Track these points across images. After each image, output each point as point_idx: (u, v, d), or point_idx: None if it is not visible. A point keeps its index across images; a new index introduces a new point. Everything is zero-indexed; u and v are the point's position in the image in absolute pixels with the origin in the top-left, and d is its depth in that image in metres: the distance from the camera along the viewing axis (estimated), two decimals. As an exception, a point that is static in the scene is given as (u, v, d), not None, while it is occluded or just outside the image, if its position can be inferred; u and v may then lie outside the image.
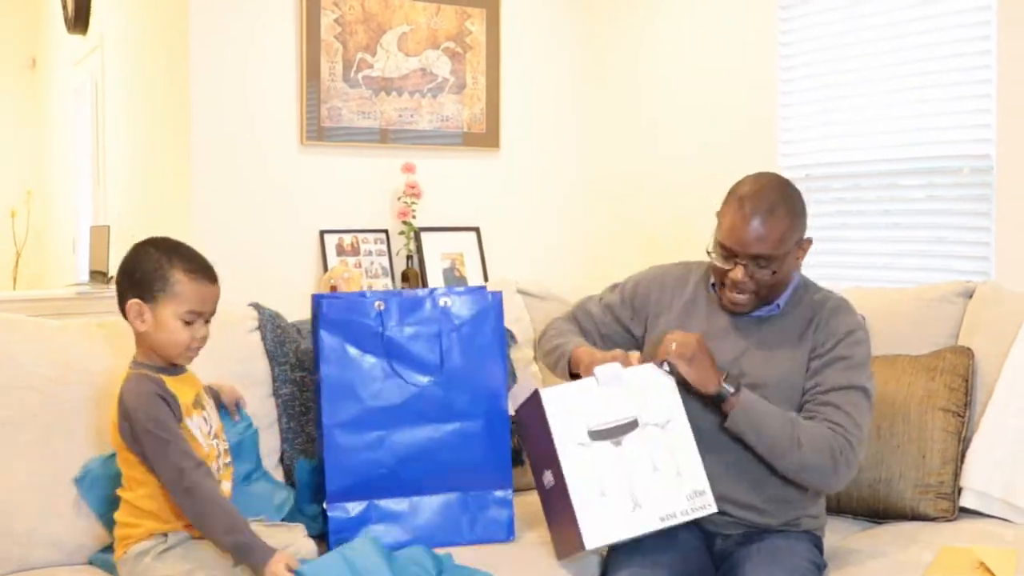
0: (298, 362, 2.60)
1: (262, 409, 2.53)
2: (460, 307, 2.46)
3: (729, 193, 2.35)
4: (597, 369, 2.28)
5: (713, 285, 2.44)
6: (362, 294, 2.50)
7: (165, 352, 2.15)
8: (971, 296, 2.75)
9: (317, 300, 2.42)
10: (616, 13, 4.57)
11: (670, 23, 4.33)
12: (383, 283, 4.22)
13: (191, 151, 3.97)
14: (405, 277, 4.25)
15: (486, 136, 4.50)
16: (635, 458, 2.23)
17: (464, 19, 4.40)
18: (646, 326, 2.55)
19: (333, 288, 3.93)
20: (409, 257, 4.28)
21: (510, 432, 2.49)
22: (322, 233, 4.15)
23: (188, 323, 2.13)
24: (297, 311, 2.89)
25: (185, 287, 2.12)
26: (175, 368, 2.18)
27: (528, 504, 2.49)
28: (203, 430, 2.16)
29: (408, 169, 4.23)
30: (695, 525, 2.33)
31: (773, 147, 3.89)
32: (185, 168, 4.02)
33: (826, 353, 2.29)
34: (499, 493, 2.45)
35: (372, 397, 2.37)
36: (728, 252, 2.28)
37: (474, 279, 4.38)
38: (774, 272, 2.26)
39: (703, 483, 2.24)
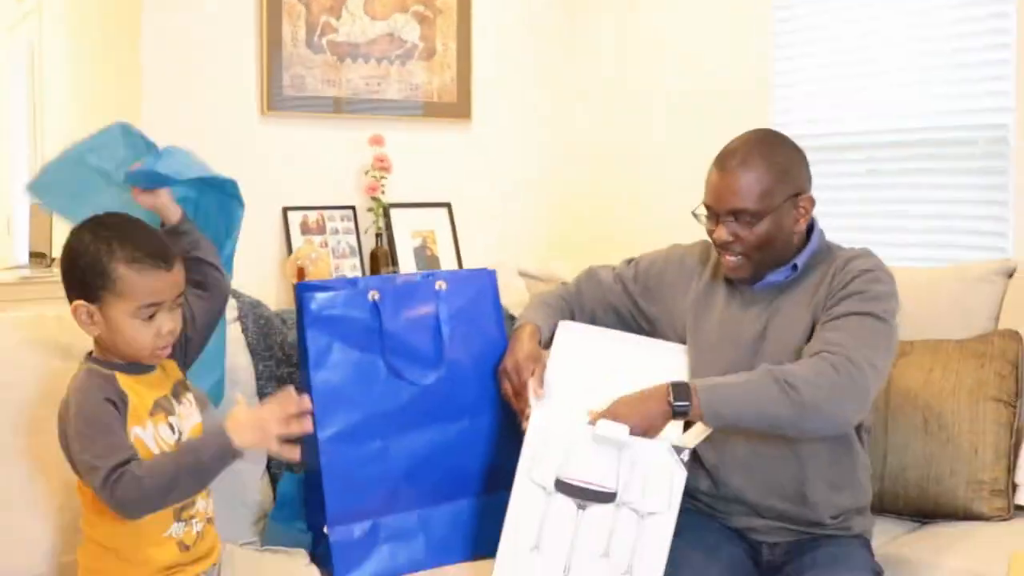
0: (284, 357, 2.33)
1: (245, 410, 2.25)
2: (455, 289, 2.21)
3: None
4: (601, 424, 1.99)
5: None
6: (352, 281, 2.24)
7: (128, 355, 1.84)
8: (1011, 275, 2.57)
9: (300, 292, 2.13)
10: (595, -25, 4.33)
11: (654, -15, 4.09)
12: (351, 263, 3.95)
13: (142, 123, 3.65)
14: (374, 257, 3.99)
15: (457, 106, 4.23)
16: (591, 533, 1.95)
17: (434, -20, 4.12)
18: (662, 307, 2.37)
19: (300, 270, 3.68)
20: (378, 235, 4.02)
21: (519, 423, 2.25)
22: (285, 210, 3.86)
23: (149, 319, 1.81)
24: (263, 297, 2.63)
25: (131, 281, 1.79)
26: (140, 365, 1.88)
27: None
28: (166, 440, 1.84)
29: (376, 141, 3.96)
30: (739, 535, 2.13)
31: (766, 117, 3.67)
32: (136, 141, 3.70)
33: (840, 290, 2.11)
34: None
35: (372, 402, 2.10)
36: (710, 211, 2.18)
37: (446, 258, 4.12)
38: (758, 228, 2.11)
39: None
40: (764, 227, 2.12)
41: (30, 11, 5.27)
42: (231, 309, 2.37)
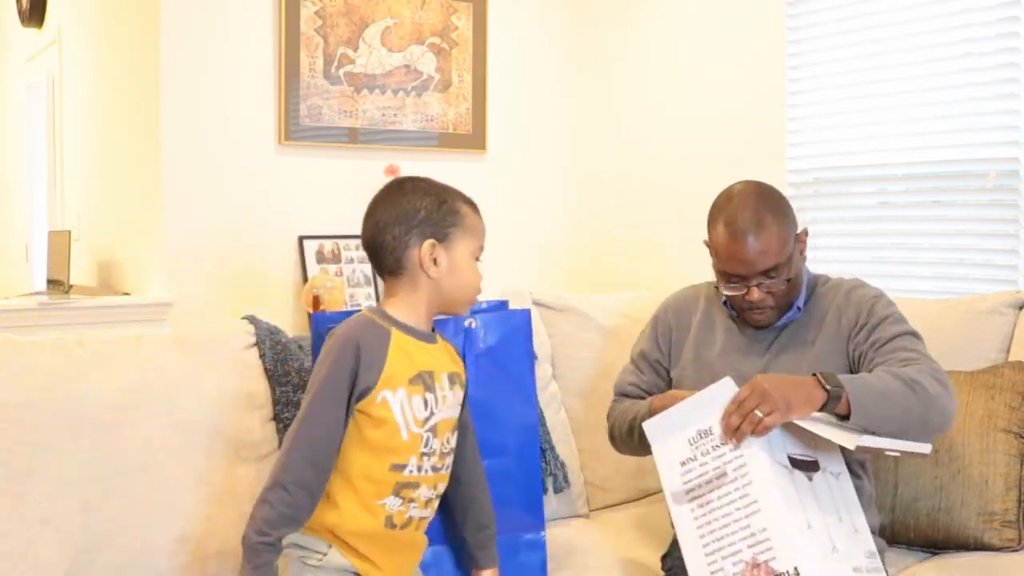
0: (301, 383, 2.33)
1: (261, 435, 2.27)
2: (486, 329, 2.20)
3: (709, 219, 2.24)
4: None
5: (726, 303, 2.33)
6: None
7: (457, 299, 1.92)
8: (1022, 307, 2.59)
9: (320, 322, 2.14)
10: (610, 8, 4.36)
11: (669, 17, 4.13)
12: (366, 292, 3.98)
13: (161, 151, 3.70)
14: (388, 286, 4.01)
15: (472, 137, 4.27)
16: (824, 501, 1.95)
17: (450, 13, 4.17)
18: (670, 356, 2.42)
19: (315, 299, 3.70)
20: (393, 265, 4.04)
21: (540, 467, 2.25)
22: (301, 239, 3.90)
23: (477, 261, 1.93)
24: (278, 323, 2.64)
25: (474, 220, 1.92)
26: (430, 333, 1.93)
27: (555, 542, 2.26)
28: (415, 412, 1.84)
29: (392, 171, 3.99)
30: None
31: (779, 151, 3.69)
32: (155, 170, 3.75)
33: (868, 321, 2.19)
34: (530, 536, 2.20)
35: None
36: (736, 277, 2.18)
37: (460, 288, 4.14)
38: (788, 279, 2.18)
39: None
40: (789, 274, 2.18)
41: (51, 41, 5.32)
42: (248, 335, 2.39)
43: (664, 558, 2.30)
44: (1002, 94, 3.12)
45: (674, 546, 2.27)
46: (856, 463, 2.21)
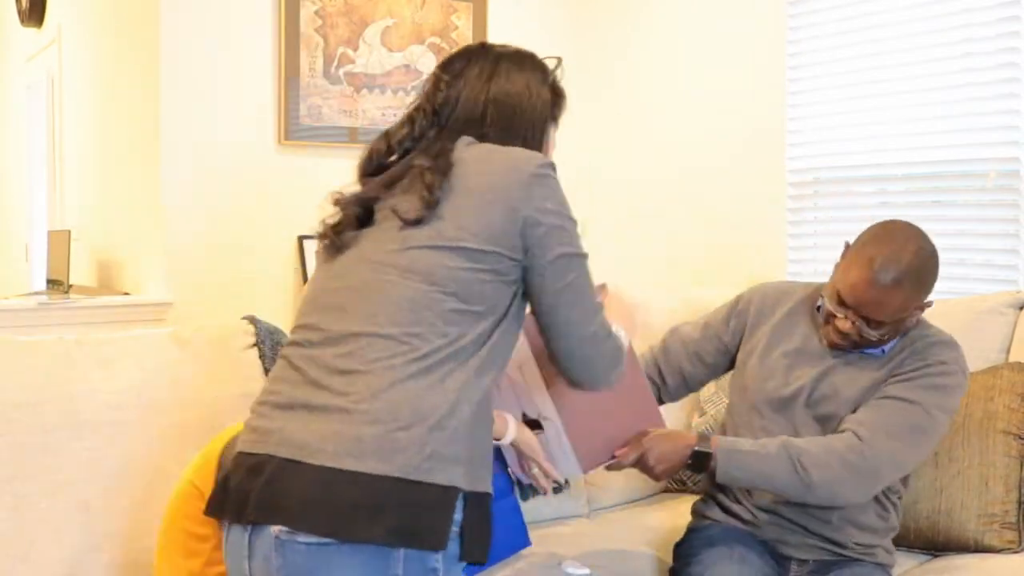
0: (301, 383, 2.34)
1: (261, 435, 2.27)
2: None
3: (860, 242, 2.18)
4: None
5: (819, 308, 2.27)
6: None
7: None
8: (1022, 308, 2.59)
9: None
10: (610, 8, 4.36)
11: (669, 17, 4.13)
12: (365, 292, 3.97)
13: (161, 151, 3.70)
14: (388, 286, 4.01)
15: (471, 137, 4.26)
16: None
17: (450, 13, 4.17)
18: (742, 337, 2.38)
19: (315, 298, 3.70)
20: (392, 265, 4.04)
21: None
22: (301, 239, 3.90)
23: None
24: (278, 323, 2.65)
25: None
26: None
27: (556, 541, 2.27)
28: None
29: (392, 172, 3.99)
30: (770, 552, 2.21)
31: (780, 150, 3.69)
32: (155, 169, 3.75)
33: (911, 370, 2.16)
34: (502, 502, 2.20)
35: None
36: (841, 302, 2.14)
37: (460, 288, 4.14)
38: (881, 332, 2.14)
39: None
40: (886, 331, 2.15)
41: (50, 41, 5.32)
42: (248, 335, 2.39)
43: (677, 547, 2.30)
44: (1002, 94, 3.12)
45: (689, 535, 2.29)
46: (884, 497, 2.21)
